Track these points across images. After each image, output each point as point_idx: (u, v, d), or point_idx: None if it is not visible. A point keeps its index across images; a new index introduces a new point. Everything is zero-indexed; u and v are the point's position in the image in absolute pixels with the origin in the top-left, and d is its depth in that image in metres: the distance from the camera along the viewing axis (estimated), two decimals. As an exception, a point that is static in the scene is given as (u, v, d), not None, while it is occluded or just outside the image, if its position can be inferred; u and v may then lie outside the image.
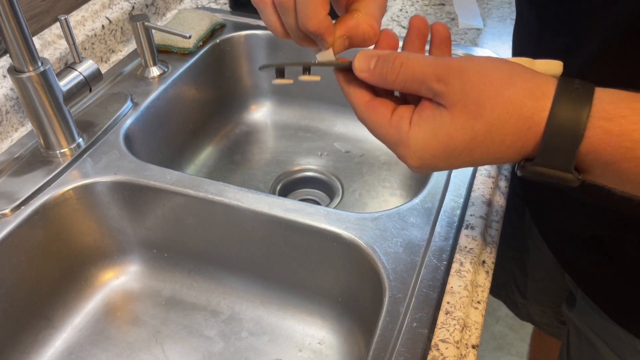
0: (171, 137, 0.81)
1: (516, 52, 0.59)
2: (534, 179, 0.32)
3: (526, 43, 0.53)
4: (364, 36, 0.36)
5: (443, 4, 0.93)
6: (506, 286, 0.81)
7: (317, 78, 0.39)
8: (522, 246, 0.73)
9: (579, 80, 0.31)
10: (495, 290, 0.85)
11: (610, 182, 0.31)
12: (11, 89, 0.65)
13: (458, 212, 0.57)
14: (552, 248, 0.61)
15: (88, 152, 0.66)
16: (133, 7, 0.82)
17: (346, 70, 0.37)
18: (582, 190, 0.46)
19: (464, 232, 0.55)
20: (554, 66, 0.35)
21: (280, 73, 0.39)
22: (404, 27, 0.88)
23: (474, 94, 0.30)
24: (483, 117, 0.30)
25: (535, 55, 0.41)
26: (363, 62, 0.34)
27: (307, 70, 0.37)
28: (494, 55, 0.80)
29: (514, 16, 0.91)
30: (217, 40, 0.86)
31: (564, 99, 0.29)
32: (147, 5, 0.85)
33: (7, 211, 0.58)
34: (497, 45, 0.83)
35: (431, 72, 0.32)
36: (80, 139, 0.66)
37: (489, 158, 0.32)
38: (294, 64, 0.37)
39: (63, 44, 0.72)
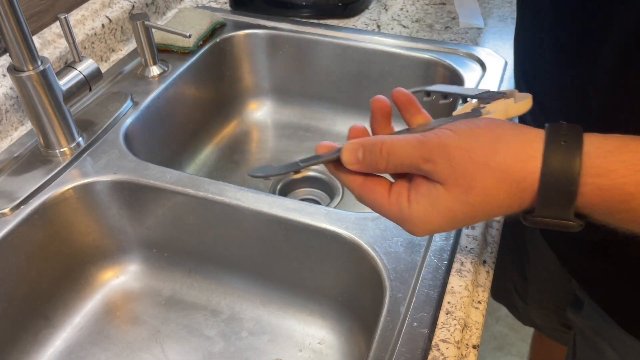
0: (171, 136, 0.81)
1: (518, 57, 0.58)
2: (538, 227, 0.33)
3: (527, 47, 0.53)
4: None
5: (444, 3, 0.93)
6: (506, 290, 0.81)
7: (307, 172, 0.40)
8: (521, 250, 0.73)
9: (565, 130, 0.31)
10: (496, 293, 0.84)
11: (612, 225, 0.32)
12: (11, 88, 0.65)
13: (459, 211, 0.57)
14: (558, 253, 0.61)
15: (88, 152, 0.65)
16: (133, 6, 0.82)
17: (334, 161, 0.38)
18: None
19: (464, 231, 0.55)
20: (526, 104, 0.37)
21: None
22: (404, 27, 0.88)
23: (461, 169, 0.31)
24: (476, 189, 0.31)
25: (535, 62, 0.41)
26: (351, 155, 0.35)
27: (296, 171, 0.40)
28: (494, 54, 0.80)
29: (514, 15, 0.91)
30: (218, 40, 0.86)
31: (553, 158, 0.30)
32: (147, 4, 0.85)
33: (6, 210, 0.58)
34: (498, 44, 0.83)
35: (417, 155, 0.33)
36: (80, 138, 0.66)
37: (491, 217, 0.34)
38: (283, 174, 0.39)
39: (63, 43, 0.72)
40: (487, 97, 0.39)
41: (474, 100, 0.40)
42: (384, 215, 0.36)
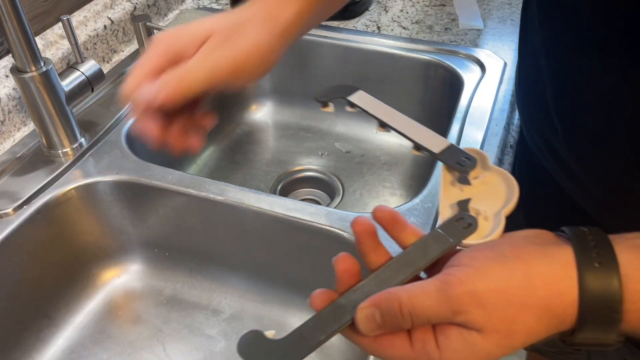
0: (172, 137, 0.81)
1: (523, 47, 0.58)
2: (577, 347, 0.32)
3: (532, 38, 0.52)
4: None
5: (443, 5, 0.94)
6: None
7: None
8: None
9: (594, 244, 0.29)
10: None
11: None
12: (14, 89, 0.66)
13: (458, 211, 0.57)
14: None
15: (90, 152, 0.66)
16: (135, 8, 0.82)
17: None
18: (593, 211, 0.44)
19: (464, 231, 0.55)
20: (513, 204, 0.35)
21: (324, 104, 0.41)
22: (404, 28, 0.88)
23: (498, 314, 0.29)
24: (518, 334, 0.29)
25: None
26: (370, 323, 0.30)
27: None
28: (493, 55, 0.80)
29: (514, 17, 0.91)
30: (219, 41, 0.86)
31: (590, 286, 0.28)
32: (149, 6, 0.85)
33: (9, 210, 0.58)
34: (498, 46, 0.84)
35: (445, 310, 0.29)
36: (83, 139, 0.66)
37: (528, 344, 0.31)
38: None
39: (65, 44, 0.72)
40: (457, 164, 0.37)
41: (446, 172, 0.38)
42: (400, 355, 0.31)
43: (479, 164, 0.38)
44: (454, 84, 0.79)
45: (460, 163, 0.37)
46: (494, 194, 0.36)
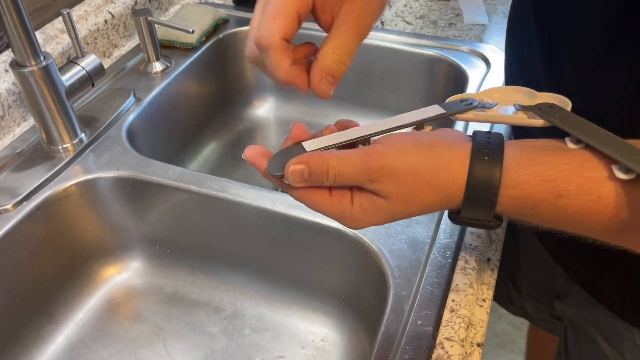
0: (174, 132, 0.80)
1: (511, 48, 0.58)
2: (461, 225, 0.38)
3: (524, 37, 0.52)
4: (338, 74, 0.40)
5: (448, 0, 0.93)
6: (499, 282, 0.81)
7: None
8: (514, 241, 0.73)
9: (490, 145, 0.36)
10: None
11: (526, 223, 0.38)
12: (13, 84, 0.65)
13: (463, 209, 0.56)
14: (544, 242, 0.61)
15: (90, 148, 0.65)
16: (136, 2, 0.82)
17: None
18: None
19: (469, 229, 0.55)
20: (559, 99, 0.38)
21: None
22: (408, 23, 0.87)
23: (405, 187, 0.35)
24: (415, 203, 0.36)
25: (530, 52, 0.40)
26: (297, 177, 0.36)
27: None
28: (498, 50, 0.79)
29: (519, 12, 0.90)
30: (221, 36, 0.85)
31: (477, 172, 0.35)
32: (149, 0, 0.85)
33: (9, 207, 0.58)
34: (502, 41, 0.82)
35: (363, 176, 0.35)
36: (83, 134, 0.65)
37: (421, 215, 0.38)
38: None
39: (66, 39, 0.72)
40: (464, 106, 0.40)
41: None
42: (324, 214, 0.38)
43: (526, 94, 0.39)
44: (459, 80, 0.78)
45: (466, 105, 0.39)
46: None
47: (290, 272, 0.64)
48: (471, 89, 0.74)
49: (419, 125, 0.39)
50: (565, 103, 0.37)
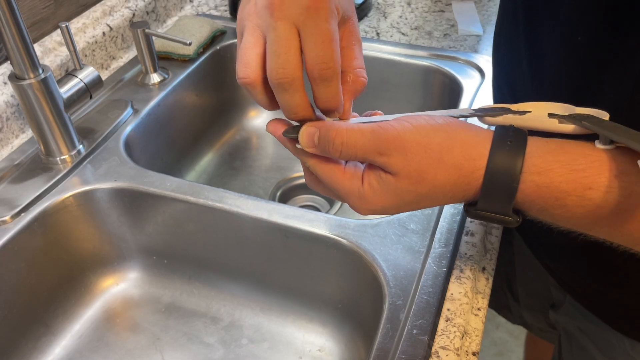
0: (171, 143, 0.81)
1: (498, 63, 0.57)
2: (477, 220, 0.36)
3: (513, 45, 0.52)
4: (360, 91, 0.38)
5: (442, 11, 0.94)
6: (498, 290, 0.81)
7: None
8: (509, 250, 0.73)
9: (512, 132, 0.33)
10: None
11: (547, 221, 0.35)
12: (12, 96, 0.65)
13: (458, 218, 0.57)
14: (536, 254, 0.62)
15: (88, 159, 0.66)
16: (134, 14, 0.82)
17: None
18: None
19: (464, 238, 0.55)
20: (597, 113, 0.35)
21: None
22: (403, 34, 0.88)
23: (415, 163, 0.33)
24: (426, 181, 0.33)
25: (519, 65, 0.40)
26: (307, 140, 0.35)
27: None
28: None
29: (513, 23, 0.91)
30: (218, 47, 0.86)
31: (498, 157, 0.32)
32: (147, 12, 0.86)
33: (7, 218, 0.58)
34: (497, 51, 0.83)
35: (371, 147, 0.34)
36: (81, 146, 0.66)
37: (434, 205, 0.36)
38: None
39: (64, 51, 0.72)
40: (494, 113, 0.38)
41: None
42: (334, 188, 0.37)
43: (563, 108, 0.37)
44: (454, 90, 0.79)
45: (499, 110, 0.38)
46: None
47: (287, 282, 0.64)
48: (466, 99, 0.74)
49: None
50: (603, 115, 0.35)
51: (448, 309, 0.49)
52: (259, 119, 0.95)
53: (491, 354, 1.39)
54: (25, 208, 0.59)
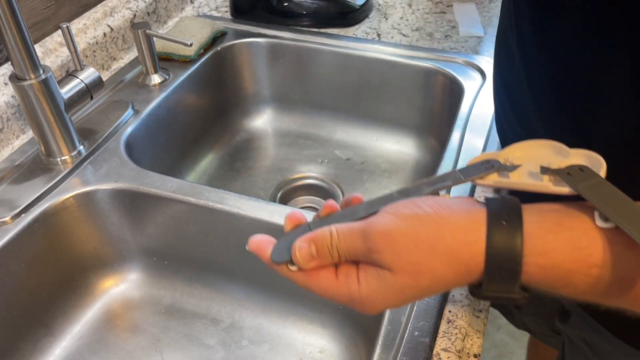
0: (172, 144, 0.81)
1: (499, 76, 0.57)
2: (487, 301, 0.35)
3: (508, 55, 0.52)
4: None
5: (444, 12, 0.94)
6: None
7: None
8: None
9: (505, 209, 0.32)
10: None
11: (556, 296, 0.34)
12: (12, 97, 0.65)
13: (459, 220, 0.57)
14: None
15: (89, 160, 0.66)
16: (134, 15, 0.82)
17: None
18: None
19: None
20: (591, 159, 0.34)
21: None
22: (404, 35, 0.88)
23: (406, 255, 0.32)
24: (424, 274, 0.32)
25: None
26: (306, 256, 0.35)
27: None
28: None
29: (514, 24, 0.91)
30: (219, 48, 0.86)
31: (496, 240, 0.31)
32: (148, 13, 0.85)
33: (7, 219, 0.58)
34: (498, 53, 0.83)
35: (363, 246, 0.33)
36: (81, 147, 0.66)
37: (439, 293, 0.36)
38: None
39: (65, 52, 0.72)
40: (485, 169, 0.36)
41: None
42: (332, 299, 0.36)
43: (554, 152, 0.36)
44: (455, 91, 0.79)
45: (487, 167, 0.36)
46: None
47: (288, 283, 0.64)
48: (467, 100, 0.74)
49: (434, 192, 0.36)
50: (599, 163, 0.33)
51: (450, 311, 0.49)
52: (259, 119, 0.95)
53: (492, 356, 1.39)
54: (26, 209, 0.59)
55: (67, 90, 0.63)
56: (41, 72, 0.58)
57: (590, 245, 0.30)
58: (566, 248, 0.31)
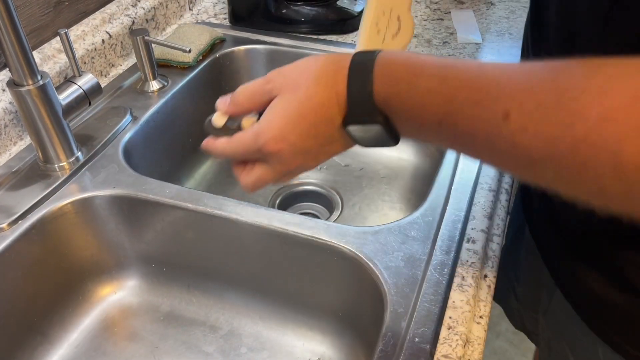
0: (170, 150, 0.80)
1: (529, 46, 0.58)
2: (363, 145, 0.43)
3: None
4: None
5: (442, 19, 0.94)
6: (506, 291, 0.81)
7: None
8: (516, 252, 0.73)
9: (366, 54, 0.40)
10: (497, 294, 0.84)
11: (416, 137, 0.41)
12: (10, 103, 0.65)
13: (459, 225, 0.57)
14: (541, 248, 0.61)
15: (87, 166, 0.65)
16: (133, 22, 0.82)
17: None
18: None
19: (465, 245, 0.55)
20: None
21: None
22: (403, 42, 0.88)
23: (291, 78, 0.42)
24: (301, 87, 0.41)
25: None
26: (223, 101, 0.47)
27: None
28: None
29: (512, 31, 0.92)
30: (217, 55, 0.86)
31: (356, 57, 0.40)
32: (147, 20, 0.86)
33: (4, 225, 0.57)
34: (496, 59, 0.84)
35: (260, 81, 0.43)
36: (79, 153, 0.66)
37: (318, 119, 0.41)
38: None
39: (63, 58, 0.72)
40: None
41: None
42: (243, 149, 0.43)
43: None
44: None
45: None
46: None
47: (287, 290, 0.64)
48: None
49: None
50: None
51: (450, 317, 0.48)
52: (258, 126, 0.95)
53: (491, 363, 1.38)
54: (23, 215, 0.59)
55: (65, 97, 0.62)
56: (39, 78, 0.58)
57: (426, 60, 0.38)
58: (403, 57, 0.39)
